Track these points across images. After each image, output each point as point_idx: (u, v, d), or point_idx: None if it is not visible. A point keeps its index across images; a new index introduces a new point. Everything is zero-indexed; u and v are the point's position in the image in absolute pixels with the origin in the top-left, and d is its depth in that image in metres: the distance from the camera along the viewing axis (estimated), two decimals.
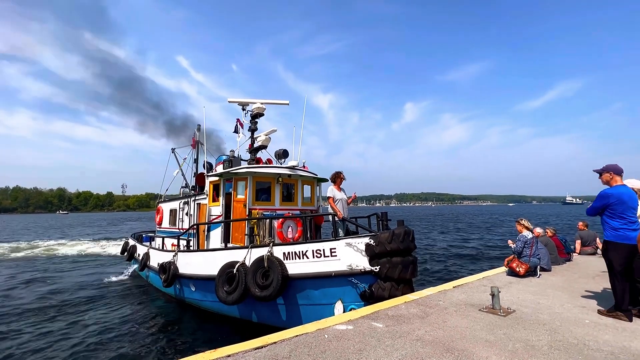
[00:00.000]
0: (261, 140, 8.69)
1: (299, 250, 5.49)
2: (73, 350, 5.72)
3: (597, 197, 3.96)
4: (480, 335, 3.20)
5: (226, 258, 6.13)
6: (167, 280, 7.32)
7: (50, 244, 24.47)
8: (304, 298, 5.63)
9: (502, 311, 3.87)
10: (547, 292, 4.92)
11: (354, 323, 3.55)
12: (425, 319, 3.68)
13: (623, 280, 3.74)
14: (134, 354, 5.53)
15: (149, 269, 9.37)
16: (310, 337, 3.17)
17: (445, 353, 2.82)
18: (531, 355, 2.78)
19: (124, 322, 7.09)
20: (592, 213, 4.03)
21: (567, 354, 2.84)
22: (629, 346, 3.01)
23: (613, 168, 3.98)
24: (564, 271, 6.50)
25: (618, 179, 3.93)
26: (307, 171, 8.39)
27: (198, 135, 11.58)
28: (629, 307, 3.73)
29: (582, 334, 3.30)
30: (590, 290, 5.01)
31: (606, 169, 4.02)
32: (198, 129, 11.76)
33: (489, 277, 6.00)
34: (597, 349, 2.94)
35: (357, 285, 5.12)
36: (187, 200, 9.65)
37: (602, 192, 3.92)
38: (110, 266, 14.68)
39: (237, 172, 7.43)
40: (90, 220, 73.97)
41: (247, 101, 9.21)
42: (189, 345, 5.82)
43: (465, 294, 4.72)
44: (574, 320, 3.70)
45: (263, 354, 2.82)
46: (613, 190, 3.82)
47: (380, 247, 4.87)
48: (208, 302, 6.95)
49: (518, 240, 6.01)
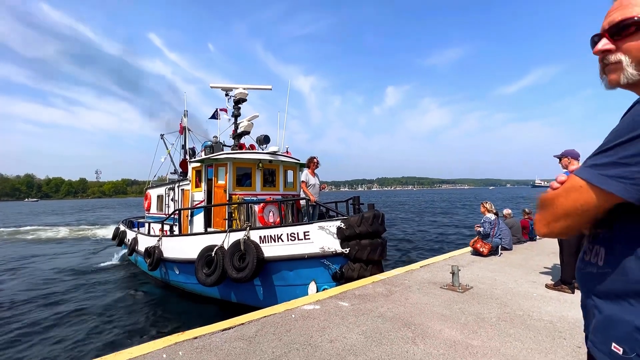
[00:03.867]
0: (244, 126, 8.68)
1: (274, 233, 5.65)
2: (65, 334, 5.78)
3: None
4: (437, 311, 3.44)
5: (206, 242, 6.28)
6: (152, 264, 7.51)
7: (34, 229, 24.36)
8: (279, 279, 5.82)
9: (461, 288, 4.14)
10: (504, 269, 5.29)
11: (322, 303, 3.71)
12: (389, 297, 3.90)
13: (571, 255, 4.10)
14: (119, 336, 5.63)
15: (137, 254, 9.45)
16: (278, 317, 3.30)
17: (403, 327, 3.03)
18: (480, 327, 3.04)
19: (112, 306, 7.22)
20: None
21: (512, 324, 3.11)
22: (567, 315, 3.33)
23: (570, 153, 4.26)
24: (523, 250, 6.96)
25: (575, 163, 4.21)
26: (289, 156, 8.47)
27: (185, 121, 11.44)
28: (572, 281, 4.09)
29: (529, 306, 3.61)
30: (544, 267, 5.41)
31: (565, 154, 4.29)
32: (185, 114, 11.62)
33: (455, 256, 6.35)
34: (538, 319, 3.24)
35: (329, 266, 5.31)
36: (172, 186, 9.84)
37: None
38: (100, 251, 14.90)
39: (218, 158, 7.50)
40: (64, 208, 70.97)
41: (230, 86, 9.17)
42: (175, 326, 5.95)
43: (430, 273, 5.00)
44: (524, 294, 4.03)
45: (230, 334, 2.92)
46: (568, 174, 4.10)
47: (350, 230, 5.05)
48: (191, 284, 7.10)
49: (484, 222, 6.35)
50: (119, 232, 12.30)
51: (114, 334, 5.67)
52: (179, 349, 2.66)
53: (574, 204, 0.76)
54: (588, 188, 0.74)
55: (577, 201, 0.75)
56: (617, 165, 0.70)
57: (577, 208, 0.76)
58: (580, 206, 0.75)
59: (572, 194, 0.77)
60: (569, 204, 0.77)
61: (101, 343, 5.34)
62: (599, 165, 0.73)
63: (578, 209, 0.76)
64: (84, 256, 13.88)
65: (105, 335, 5.67)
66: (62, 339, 5.54)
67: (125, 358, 2.51)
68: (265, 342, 2.77)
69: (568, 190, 0.78)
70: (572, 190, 0.77)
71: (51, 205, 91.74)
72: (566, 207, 0.77)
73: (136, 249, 9.35)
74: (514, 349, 2.62)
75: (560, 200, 0.79)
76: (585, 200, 0.74)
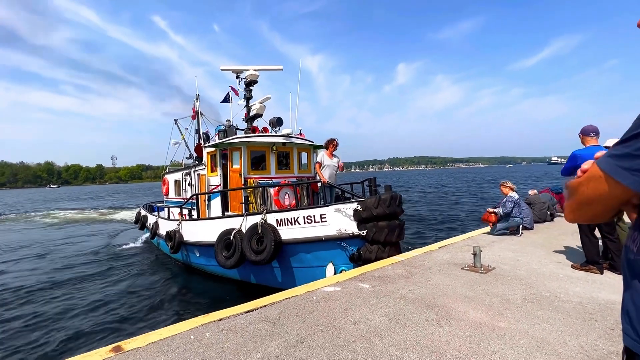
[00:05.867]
0: (256, 109, 8.60)
1: (290, 216, 5.66)
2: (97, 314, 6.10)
3: (569, 158, 4.07)
4: (460, 292, 3.39)
5: (224, 226, 6.39)
6: (174, 247, 7.75)
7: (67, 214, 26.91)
8: (297, 261, 5.89)
9: (483, 269, 4.07)
10: (527, 249, 5.16)
11: (342, 285, 3.71)
12: (410, 278, 3.86)
13: (590, 236, 3.96)
14: (148, 316, 5.90)
15: (159, 237, 9.76)
16: (299, 299, 3.32)
17: (426, 309, 3.00)
18: (506, 308, 2.98)
19: (139, 287, 7.54)
20: (564, 173, 4.15)
21: (539, 305, 3.04)
22: (597, 296, 3.23)
23: (583, 129, 4.03)
24: (545, 229, 6.78)
25: (589, 140, 3.99)
26: (302, 138, 8.38)
27: (198, 106, 11.44)
28: (599, 261, 3.95)
29: (555, 287, 3.51)
30: (567, 246, 5.26)
31: (581, 130, 4.07)
32: (197, 99, 11.60)
33: (474, 237, 6.24)
34: (567, 300, 3.15)
35: (346, 248, 5.31)
36: (188, 171, 10.00)
37: (573, 153, 4.02)
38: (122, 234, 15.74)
39: (231, 142, 7.48)
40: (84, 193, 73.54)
41: (241, 68, 9.05)
42: (199, 307, 6.19)
43: (449, 254, 4.93)
44: (549, 274, 3.93)
45: (254, 316, 2.96)
46: (582, 151, 3.94)
47: (367, 212, 5.00)
48: (212, 266, 7.30)
49: (507, 201, 6.16)
50: (141, 217, 12.72)
51: (142, 315, 5.90)
52: (206, 330, 2.72)
53: (594, 193, 0.75)
54: (606, 179, 0.72)
55: (597, 190, 0.75)
56: (633, 157, 0.68)
57: (598, 197, 0.75)
58: (600, 195, 0.75)
59: (592, 183, 0.76)
60: (590, 192, 0.76)
61: (130, 324, 5.57)
62: (618, 156, 0.71)
63: (598, 198, 0.75)
64: (109, 239, 14.50)
65: (134, 315, 5.91)
66: (93, 319, 5.81)
67: (155, 339, 2.58)
68: (289, 323, 2.79)
69: (589, 179, 0.77)
70: (592, 180, 0.76)
71: (72, 191, 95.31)
72: (588, 196, 0.77)
73: (158, 232, 9.64)
74: (542, 331, 2.56)
75: (582, 188, 0.79)
76: (604, 190, 0.73)
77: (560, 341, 2.41)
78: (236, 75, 9.20)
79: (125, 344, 2.51)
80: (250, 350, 2.39)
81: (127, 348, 2.45)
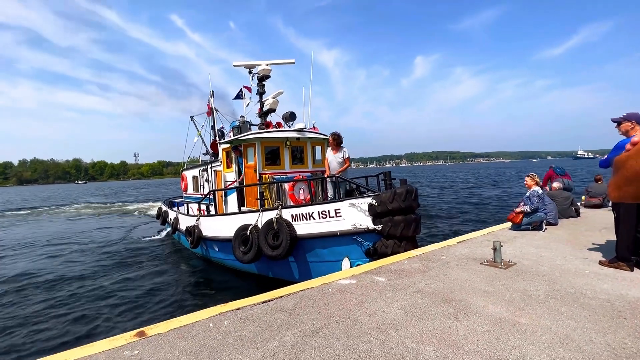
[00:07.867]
0: (269, 104, 8.64)
1: (305, 212, 5.69)
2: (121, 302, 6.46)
3: (613, 148, 3.77)
4: (479, 287, 3.32)
5: (240, 221, 6.50)
6: (193, 242, 7.99)
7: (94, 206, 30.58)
8: (313, 256, 5.93)
9: (503, 264, 3.95)
10: (550, 245, 4.97)
11: (358, 278, 3.71)
12: (427, 272, 3.81)
13: (630, 231, 3.73)
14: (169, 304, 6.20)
15: (179, 232, 10.08)
16: (315, 291, 3.35)
17: (443, 303, 2.95)
18: (527, 304, 2.89)
19: (161, 278, 7.91)
20: (605, 165, 3.89)
21: (563, 302, 2.93)
22: (626, 294, 3.07)
23: (635, 116, 3.74)
24: (570, 225, 6.50)
25: (639, 129, 3.71)
26: (316, 132, 8.36)
27: (212, 102, 11.64)
28: (631, 257, 3.75)
29: (581, 283, 3.37)
30: (594, 243, 5.02)
31: (627, 117, 3.78)
32: (212, 95, 11.78)
33: (494, 232, 6.07)
34: (593, 297, 3.02)
35: (361, 243, 5.29)
36: (205, 168, 10.24)
37: (619, 142, 3.72)
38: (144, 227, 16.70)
39: (245, 138, 7.57)
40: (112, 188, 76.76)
41: (253, 63, 9.08)
42: (218, 297, 6.39)
43: (468, 249, 4.82)
44: (574, 271, 3.77)
45: (270, 306, 3.02)
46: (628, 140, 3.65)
47: (382, 206, 4.96)
48: (230, 260, 7.46)
49: (532, 196, 5.94)
50: (162, 212, 13.21)
51: (164, 303, 6.19)
52: (224, 318, 2.79)
53: None
54: None
55: None
56: None
57: None
58: None
59: None
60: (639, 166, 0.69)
61: (153, 312, 5.83)
62: None
63: None
64: (132, 232, 15.18)
65: (157, 304, 6.20)
66: (122, 306, 6.14)
67: (176, 325, 2.68)
68: (305, 314, 2.82)
69: (639, 153, 0.70)
70: None
71: (100, 187, 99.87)
72: (636, 171, 0.70)
73: (178, 227, 9.96)
74: (567, 328, 2.47)
75: (630, 162, 0.71)
76: None
77: (586, 338, 2.31)
78: (249, 71, 9.22)
79: (148, 330, 2.62)
80: (267, 338, 2.44)
81: (150, 333, 2.56)
